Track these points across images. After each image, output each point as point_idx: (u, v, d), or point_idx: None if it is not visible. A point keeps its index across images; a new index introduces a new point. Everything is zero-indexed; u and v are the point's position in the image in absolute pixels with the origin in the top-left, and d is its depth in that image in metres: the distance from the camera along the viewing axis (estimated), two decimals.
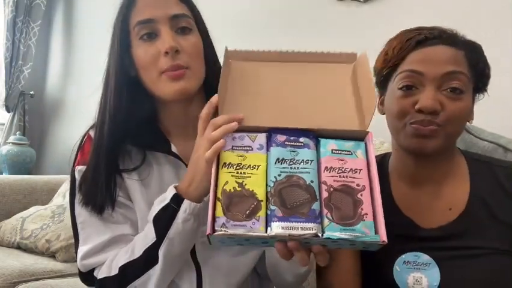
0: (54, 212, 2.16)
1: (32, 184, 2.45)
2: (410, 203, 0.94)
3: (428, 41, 0.89)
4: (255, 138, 0.72)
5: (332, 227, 0.65)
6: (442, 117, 0.86)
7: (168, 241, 0.82)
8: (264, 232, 0.65)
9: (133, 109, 0.91)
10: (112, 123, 0.90)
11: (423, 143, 0.87)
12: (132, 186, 0.93)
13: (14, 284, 1.71)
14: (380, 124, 0.91)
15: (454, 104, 0.86)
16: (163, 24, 0.88)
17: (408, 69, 0.88)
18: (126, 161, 0.93)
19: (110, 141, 0.90)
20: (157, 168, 0.94)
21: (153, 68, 0.88)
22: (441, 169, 0.93)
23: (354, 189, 0.67)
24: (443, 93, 0.87)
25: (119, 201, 0.92)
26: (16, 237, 2.10)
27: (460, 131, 0.92)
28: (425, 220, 0.92)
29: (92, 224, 0.91)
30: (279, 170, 0.68)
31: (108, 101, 0.91)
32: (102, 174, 0.89)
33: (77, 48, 3.18)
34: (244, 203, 0.66)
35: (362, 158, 0.70)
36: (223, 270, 0.93)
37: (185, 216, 0.81)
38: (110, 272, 0.87)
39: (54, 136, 3.22)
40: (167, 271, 0.86)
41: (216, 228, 0.65)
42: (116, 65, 0.91)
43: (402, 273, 0.89)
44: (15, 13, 3.04)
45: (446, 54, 0.87)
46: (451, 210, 0.91)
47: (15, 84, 3.07)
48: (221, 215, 0.66)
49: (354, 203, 0.66)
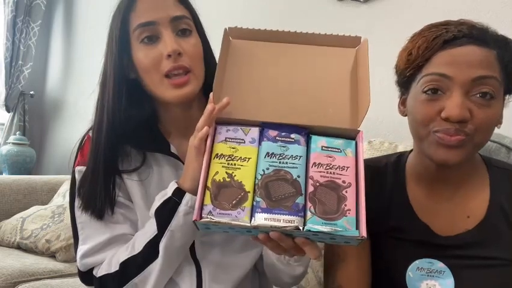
0: (54, 212, 2.16)
1: (32, 184, 2.45)
2: (427, 208, 0.90)
3: (456, 41, 0.80)
4: (248, 132, 0.73)
5: (313, 220, 0.67)
6: (471, 126, 0.79)
7: (169, 233, 0.83)
8: (248, 222, 0.67)
9: (132, 111, 0.91)
10: (111, 125, 0.89)
11: (449, 154, 0.80)
12: (132, 186, 0.93)
13: (14, 284, 1.71)
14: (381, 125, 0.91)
15: (484, 111, 0.79)
16: (164, 27, 0.88)
17: (435, 72, 0.80)
18: (126, 162, 0.93)
19: (108, 144, 0.90)
20: (156, 169, 0.94)
21: (155, 71, 0.88)
22: (462, 175, 0.88)
23: (340, 185, 0.69)
24: (472, 99, 0.79)
25: (119, 201, 0.92)
26: (16, 237, 2.10)
27: (487, 139, 0.85)
28: (442, 227, 0.88)
29: (92, 224, 0.91)
30: (268, 164, 0.70)
31: (106, 104, 0.90)
32: (101, 177, 0.89)
33: (77, 48, 3.18)
34: (232, 193, 0.69)
35: (351, 156, 0.71)
36: (223, 267, 0.94)
37: (186, 209, 0.81)
38: (111, 269, 0.87)
39: (54, 136, 3.22)
40: (167, 266, 0.86)
41: (203, 215, 0.68)
42: (114, 67, 0.90)
43: (415, 279, 0.86)
44: (15, 13, 3.04)
45: (476, 56, 0.79)
46: (469, 218, 0.87)
47: (15, 84, 3.07)
48: (209, 202, 0.68)
49: (338, 199, 0.68)
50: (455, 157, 0.80)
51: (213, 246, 0.94)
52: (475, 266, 0.84)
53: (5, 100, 3.07)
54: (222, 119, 0.74)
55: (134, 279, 0.86)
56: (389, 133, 1.64)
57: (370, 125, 1.67)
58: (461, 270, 0.84)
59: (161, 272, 0.85)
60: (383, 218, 0.92)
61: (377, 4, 1.75)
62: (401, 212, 0.89)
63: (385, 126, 1.66)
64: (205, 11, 0.99)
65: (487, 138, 0.84)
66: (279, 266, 0.88)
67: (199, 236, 0.93)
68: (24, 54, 3.09)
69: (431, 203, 0.90)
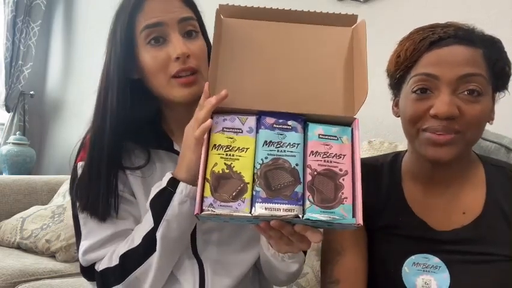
0: (54, 212, 2.16)
1: (32, 184, 2.45)
2: (423, 204, 0.91)
3: (442, 41, 0.83)
4: (245, 121, 0.73)
5: (312, 209, 0.68)
6: (461, 122, 0.81)
7: (165, 223, 0.83)
8: (248, 213, 0.68)
9: (136, 111, 0.91)
10: (114, 125, 0.89)
11: (440, 152, 0.82)
12: (135, 183, 0.93)
13: (14, 284, 1.71)
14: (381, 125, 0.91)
15: (472, 107, 0.81)
16: (171, 28, 0.88)
17: (422, 72, 0.83)
18: (130, 159, 0.93)
19: (111, 142, 0.90)
20: (159, 166, 0.94)
21: (163, 73, 0.88)
22: (457, 173, 0.89)
23: (337, 174, 0.70)
24: (460, 97, 0.81)
25: (123, 196, 0.92)
26: (16, 237, 2.11)
27: (479, 135, 0.86)
28: (438, 222, 0.89)
29: (95, 220, 0.91)
30: (266, 153, 0.71)
31: (110, 105, 0.90)
32: (104, 174, 0.89)
33: (77, 48, 3.18)
34: (232, 184, 0.69)
35: (347, 143, 0.72)
36: (225, 264, 0.94)
37: (181, 197, 0.82)
38: (111, 263, 0.87)
39: (54, 136, 3.22)
40: (165, 257, 0.86)
41: (204, 208, 0.69)
42: (118, 68, 0.90)
43: (411, 274, 0.87)
44: (15, 13, 3.04)
45: (462, 55, 0.81)
46: (465, 214, 0.88)
47: (15, 84, 3.08)
48: (209, 195, 0.69)
49: (335, 187, 0.69)
50: (446, 155, 0.82)
51: (215, 243, 0.94)
52: (471, 262, 0.85)
53: (5, 100, 3.07)
54: (218, 108, 0.74)
55: (135, 272, 0.86)
56: (389, 133, 1.65)
57: (370, 125, 1.67)
58: (457, 265, 0.85)
59: (161, 264, 0.85)
60: (379, 215, 0.93)
61: (377, 4, 1.75)
62: (397, 209, 0.90)
63: (385, 126, 1.66)
64: (206, 10, 0.99)
65: (478, 135, 0.86)
66: (274, 263, 0.88)
67: (200, 234, 0.93)
68: (24, 54, 3.09)
69: (427, 200, 0.91)
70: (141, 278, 0.86)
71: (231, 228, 0.95)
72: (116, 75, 0.90)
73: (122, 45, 0.90)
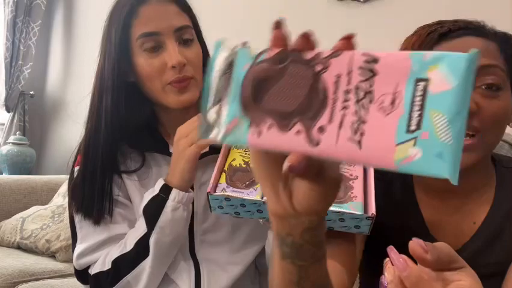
0: (54, 212, 2.16)
1: (32, 184, 2.45)
2: (437, 221, 0.82)
3: (452, 33, 0.75)
4: None
5: None
6: (479, 119, 0.70)
7: (158, 229, 0.84)
8: (260, 198, 0.71)
9: (132, 114, 0.91)
10: (109, 128, 0.89)
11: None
12: (131, 186, 0.93)
13: (14, 284, 1.71)
14: None
15: (491, 102, 0.71)
16: (168, 37, 0.88)
17: None
18: (126, 163, 0.93)
19: (107, 145, 0.90)
20: (155, 169, 0.94)
21: (158, 79, 0.88)
22: (472, 181, 0.79)
23: (347, 177, 0.73)
24: (477, 92, 0.71)
25: (118, 200, 0.92)
26: (16, 237, 2.10)
27: (500, 137, 0.77)
28: (451, 242, 0.80)
29: (90, 224, 0.91)
30: None
31: (104, 108, 0.90)
32: (99, 178, 0.90)
33: (77, 48, 3.18)
34: (246, 176, 0.75)
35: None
36: (222, 265, 0.94)
37: (174, 204, 0.83)
38: (104, 267, 0.88)
39: (54, 136, 3.22)
40: (158, 262, 0.86)
41: (217, 190, 0.74)
42: (113, 70, 0.90)
43: None
44: (15, 13, 3.04)
45: (475, 45, 0.70)
46: (475, 223, 0.80)
47: (15, 84, 3.07)
48: (223, 182, 0.75)
49: (345, 189, 0.71)
50: (464, 161, 0.74)
51: (213, 244, 0.94)
52: (480, 275, 0.80)
53: (5, 100, 3.07)
54: None
55: (127, 277, 0.86)
56: None
57: None
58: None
59: (153, 269, 0.86)
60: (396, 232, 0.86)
61: (377, 4, 1.75)
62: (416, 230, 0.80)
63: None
64: (203, 11, 0.99)
65: (499, 136, 0.76)
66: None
67: (199, 236, 0.93)
68: (24, 54, 3.08)
69: (441, 215, 0.83)
70: (133, 282, 0.87)
71: (228, 229, 0.95)
72: (111, 78, 0.90)
73: (117, 48, 0.89)
